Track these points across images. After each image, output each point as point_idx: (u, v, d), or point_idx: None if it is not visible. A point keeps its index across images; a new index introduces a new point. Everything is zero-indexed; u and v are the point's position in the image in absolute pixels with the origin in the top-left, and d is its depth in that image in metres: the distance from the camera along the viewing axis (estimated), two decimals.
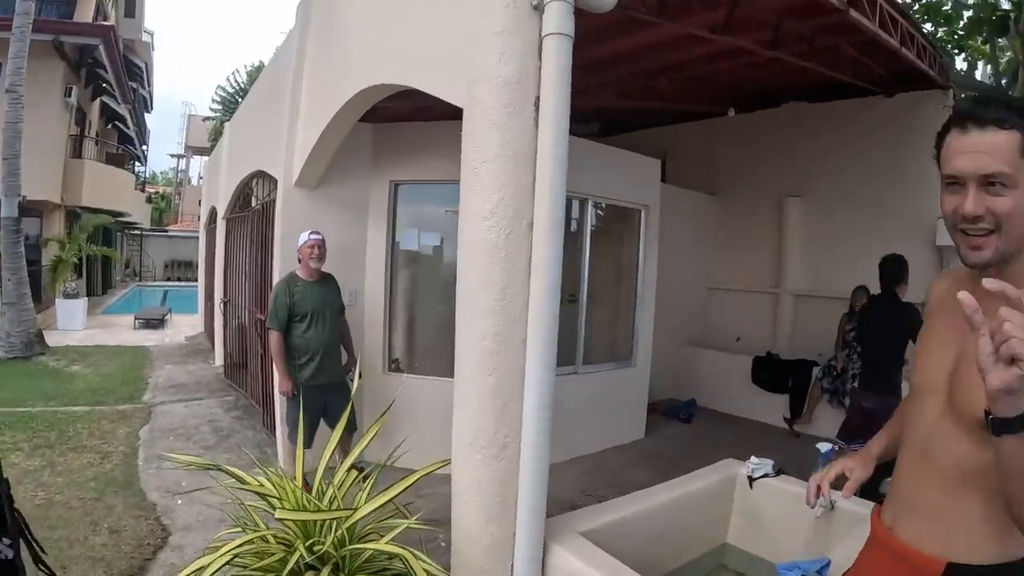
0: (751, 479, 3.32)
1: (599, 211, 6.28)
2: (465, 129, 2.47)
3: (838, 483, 1.69)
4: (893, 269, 4.64)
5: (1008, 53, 10.43)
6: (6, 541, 1.97)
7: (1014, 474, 0.99)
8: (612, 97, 6.90)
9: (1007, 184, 1.17)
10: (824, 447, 3.20)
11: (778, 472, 3.33)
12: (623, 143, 7.13)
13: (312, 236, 4.49)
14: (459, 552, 2.62)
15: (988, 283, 0.92)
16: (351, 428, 4.28)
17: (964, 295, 0.92)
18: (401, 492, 2.48)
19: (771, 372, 7.33)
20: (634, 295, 6.39)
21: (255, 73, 20.94)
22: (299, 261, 4.54)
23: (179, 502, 4.36)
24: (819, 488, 1.70)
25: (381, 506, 2.47)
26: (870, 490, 3.82)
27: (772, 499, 3.25)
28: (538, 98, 2.34)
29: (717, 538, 3.40)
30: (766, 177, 8.10)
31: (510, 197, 2.28)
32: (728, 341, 8.35)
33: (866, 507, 2.92)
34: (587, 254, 5.79)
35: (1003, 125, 1.17)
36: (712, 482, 3.36)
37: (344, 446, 4.30)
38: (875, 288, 4.93)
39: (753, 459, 3.38)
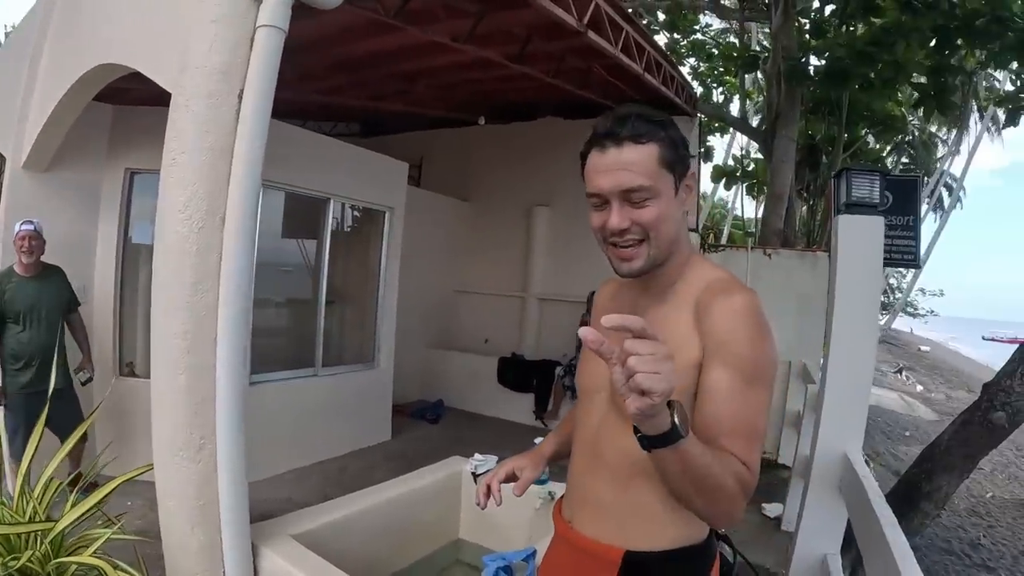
0: (475, 475, 3.43)
1: (346, 212, 6.25)
2: (170, 117, 2.35)
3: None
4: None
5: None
6: None
7: (673, 477, 1.08)
8: (367, 98, 6.89)
9: (649, 195, 1.21)
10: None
11: None
12: (382, 145, 7.15)
13: (23, 227, 4.02)
14: (171, 560, 2.50)
15: (606, 321, 0.92)
16: (80, 438, 3.92)
17: (584, 330, 0.93)
18: (102, 500, 2.40)
19: (516, 372, 7.63)
20: (376, 296, 6.39)
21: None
22: None
23: None
24: (488, 488, 1.66)
25: (84, 516, 2.37)
26: None
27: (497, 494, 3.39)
28: (242, 91, 2.27)
29: (449, 534, 3.48)
30: (517, 186, 8.43)
31: (205, 191, 2.20)
32: (477, 343, 8.59)
33: None
34: (327, 254, 5.70)
35: (639, 140, 1.21)
36: (438, 479, 3.44)
37: (75, 457, 4.02)
38: None
39: (477, 456, 3.48)
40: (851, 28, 7.78)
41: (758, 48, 11.52)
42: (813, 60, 8.75)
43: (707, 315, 1.21)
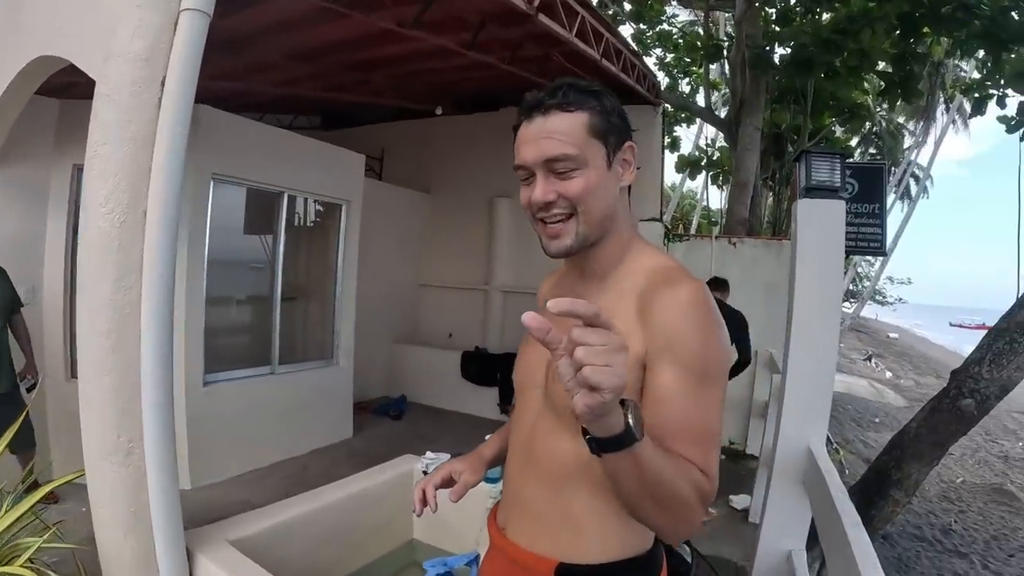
0: (426, 473, 3.32)
1: (303, 206, 6.12)
2: (93, 107, 2.23)
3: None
4: None
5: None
6: None
7: (626, 484, 0.96)
8: (325, 89, 6.74)
9: (575, 166, 1.12)
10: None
11: None
12: (343, 138, 7.02)
13: None
14: (107, 568, 2.38)
15: (552, 305, 0.80)
16: (27, 445, 3.87)
17: (528, 316, 0.81)
18: (32, 508, 2.35)
19: (480, 366, 7.57)
20: (335, 292, 6.27)
21: None
22: None
23: None
24: (424, 493, 1.52)
25: (18, 524, 2.31)
26: None
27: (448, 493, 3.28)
28: (165, 78, 2.14)
29: (403, 535, 3.37)
30: (479, 177, 8.33)
31: (126, 183, 2.08)
32: (440, 337, 8.51)
33: None
34: (282, 250, 5.58)
35: (567, 108, 1.12)
36: (389, 478, 3.33)
37: (24, 463, 3.89)
38: None
39: (429, 454, 3.40)
40: (816, 16, 7.77)
41: (725, 38, 11.51)
42: (778, 49, 8.75)
43: (652, 308, 1.10)
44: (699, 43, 10.50)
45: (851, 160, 9.32)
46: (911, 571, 5.14)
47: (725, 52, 9.75)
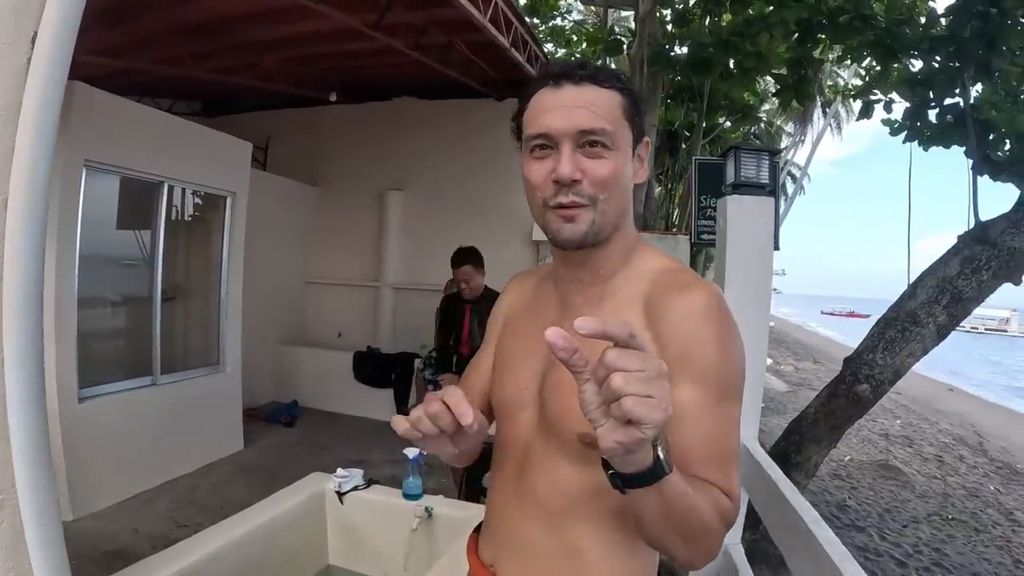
0: (340, 494, 3.08)
1: (185, 198, 5.62)
2: None
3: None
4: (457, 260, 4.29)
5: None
6: None
7: (652, 520, 0.85)
8: (211, 71, 6.26)
9: (609, 144, 0.98)
10: (412, 452, 3.08)
11: (369, 483, 3.13)
12: (226, 125, 6.53)
13: None
14: None
15: (581, 324, 0.67)
16: None
17: (552, 332, 0.67)
18: None
19: (373, 367, 7.28)
20: (219, 291, 5.80)
21: None
22: None
23: None
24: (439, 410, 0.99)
25: None
26: (474, 483, 3.85)
27: (367, 512, 3.02)
28: (36, 33, 1.78)
29: (318, 561, 3.07)
30: (370, 170, 8.08)
31: None
32: (329, 337, 8.17)
33: (465, 510, 2.80)
34: (162, 245, 5.08)
35: (601, 83, 1.00)
36: (299, 501, 2.99)
37: None
38: None
39: (340, 471, 3.12)
40: (716, 18, 7.94)
41: (621, 35, 11.70)
42: (677, 48, 8.91)
43: (663, 318, 0.98)
44: (599, 36, 10.59)
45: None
46: None
47: (625, 49, 9.88)
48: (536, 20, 12.21)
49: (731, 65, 7.23)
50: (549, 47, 12.87)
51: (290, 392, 7.52)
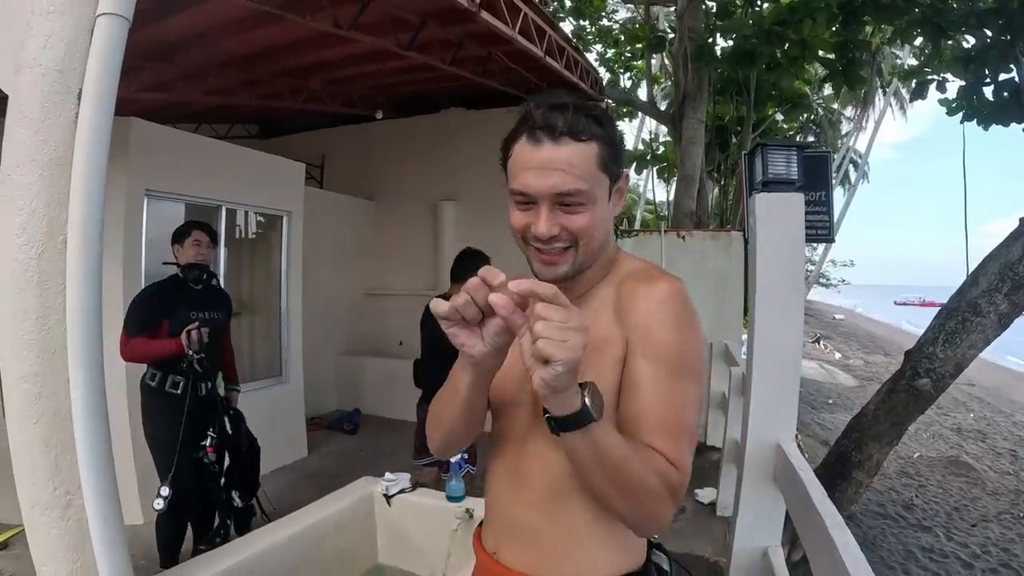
0: (387, 496, 3.22)
1: (244, 219, 5.92)
2: (6, 126, 2.02)
3: None
4: (461, 264, 4.22)
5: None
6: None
7: (588, 469, 0.98)
8: (261, 97, 6.51)
9: (584, 201, 1.07)
10: (455, 457, 3.18)
11: (415, 486, 3.27)
12: (282, 146, 6.82)
13: None
14: None
15: (514, 285, 0.85)
16: None
17: (494, 296, 0.86)
18: None
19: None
20: (280, 306, 6.05)
21: None
22: None
23: None
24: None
25: None
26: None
27: (412, 514, 3.17)
28: (81, 91, 1.96)
29: (367, 559, 3.23)
30: (422, 181, 8.22)
31: (43, 209, 1.89)
32: (391, 346, 8.32)
33: None
34: (223, 264, 5.35)
35: (579, 137, 1.06)
36: (349, 503, 3.18)
37: None
38: None
39: (388, 475, 3.28)
40: (757, 8, 7.84)
41: (668, 30, 11.59)
42: (720, 41, 8.82)
43: (628, 307, 1.13)
44: (642, 34, 10.53)
45: None
46: (879, 549, 5.19)
47: (668, 44, 9.79)
48: (584, 22, 12.20)
49: (776, 55, 7.12)
50: (599, 48, 12.85)
51: (353, 401, 7.71)
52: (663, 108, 11.70)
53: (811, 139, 17.70)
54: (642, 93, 13.22)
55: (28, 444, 1.96)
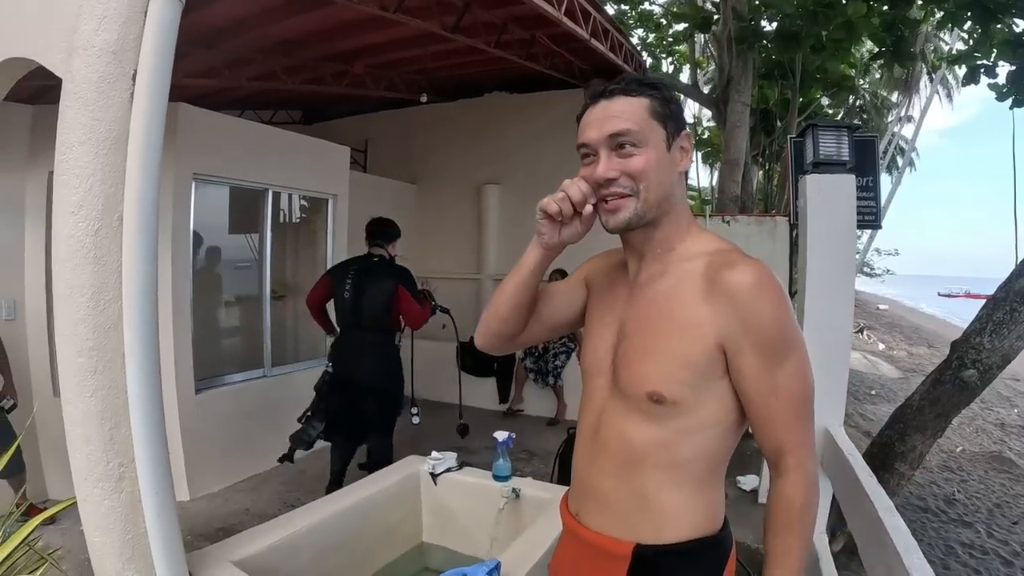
0: (433, 475, 3.23)
1: (289, 202, 5.99)
2: (60, 107, 2.06)
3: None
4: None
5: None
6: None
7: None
8: (305, 82, 6.57)
9: (636, 143, 1.18)
10: (501, 436, 3.19)
11: (461, 465, 3.28)
12: (326, 131, 6.87)
13: None
14: None
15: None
16: (14, 469, 3.66)
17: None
18: (27, 537, 2.20)
19: (476, 357, 7.36)
20: None
21: None
22: None
23: None
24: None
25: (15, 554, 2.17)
26: (567, 466, 3.94)
27: (457, 493, 3.18)
28: (136, 71, 1.98)
29: (412, 538, 3.26)
30: (466, 165, 8.22)
31: (99, 187, 1.92)
32: (435, 329, 8.34)
33: (549, 491, 2.92)
34: (269, 247, 5.41)
35: (629, 93, 1.20)
36: (395, 481, 3.19)
37: (15, 487, 3.68)
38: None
39: (434, 454, 3.29)
40: None
41: (712, 8, 11.41)
42: (765, 23, 8.63)
43: (719, 297, 1.18)
44: (689, 13, 10.36)
45: None
46: (919, 543, 5.10)
47: (713, 24, 9.63)
48: (626, 7, 12.06)
49: (821, 36, 6.97)
50: (640, 33, 12.69)
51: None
52: (706, 92, 11.54)
53: (857, 124, 17.33)
54: (684, 77, 13.05)
55: (83, 417, 2.01)
